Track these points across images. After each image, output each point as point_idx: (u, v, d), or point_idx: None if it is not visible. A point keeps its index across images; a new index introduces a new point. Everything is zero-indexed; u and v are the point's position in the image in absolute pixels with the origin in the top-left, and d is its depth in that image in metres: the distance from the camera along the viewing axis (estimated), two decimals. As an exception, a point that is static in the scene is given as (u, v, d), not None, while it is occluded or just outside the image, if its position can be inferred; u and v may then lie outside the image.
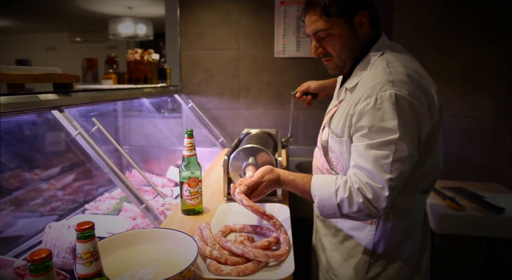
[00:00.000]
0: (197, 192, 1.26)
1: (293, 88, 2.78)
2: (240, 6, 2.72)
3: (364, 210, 0.93)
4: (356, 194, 0.93)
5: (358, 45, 1.05)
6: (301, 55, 2.73)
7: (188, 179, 1.25)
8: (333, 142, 1.08)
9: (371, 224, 1.08)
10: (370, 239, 1.08)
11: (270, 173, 1.05)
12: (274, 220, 1.02)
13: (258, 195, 1.05)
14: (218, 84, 2.85)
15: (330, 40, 1.03)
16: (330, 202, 0.96)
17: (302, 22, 1.12)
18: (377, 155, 0.91)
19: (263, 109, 2.86)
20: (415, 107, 0.91)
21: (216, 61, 2.82)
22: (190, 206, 1.27)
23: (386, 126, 0.90)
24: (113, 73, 2.29)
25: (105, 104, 1.96)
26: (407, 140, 0.90)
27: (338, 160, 1.08)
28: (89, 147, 1.25)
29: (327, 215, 0.99)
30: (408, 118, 0.91)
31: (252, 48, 2.78)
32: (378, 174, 0.91)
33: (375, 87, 0.93)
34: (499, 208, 1.71)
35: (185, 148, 1.25)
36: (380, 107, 0.91)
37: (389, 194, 0.90)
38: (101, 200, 1.97)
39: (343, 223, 1.15)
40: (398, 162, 0.90)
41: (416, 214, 1.11)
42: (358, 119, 0.95)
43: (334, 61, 1.08)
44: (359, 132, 0.95)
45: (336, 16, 1.00)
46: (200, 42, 2.80)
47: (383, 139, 0.90)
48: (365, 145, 0.93)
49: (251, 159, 1.34)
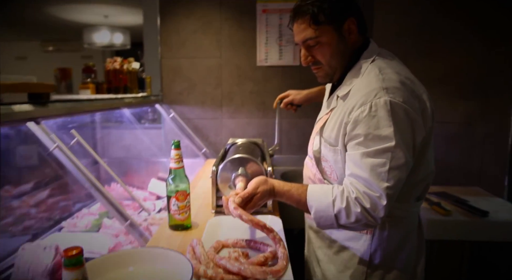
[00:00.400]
0: (185, 206, 1.20)
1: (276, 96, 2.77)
2: (222, 14, 2.70)
3: (362, 220, 0.91)
4: (354, 204, 0.91)
5: (347, 52, 1.04)
6: (283, 63, 2.72)
7: (175, 192, 1.19)
8: (327, 151, 1.06)
9: (367, 233, 1.05)
10: (366, 249, 1.05)
11: (264, 184, 1.01)
12: (274, 233, 0.98)
13: (253, 207, 1.01)
14: (200, 93, 2.80)
15: (320, 48, 1.02)
16: (327, 213, 0.93)
17: (290, 30, 1.10)
18: (374, 163, 0.89)
19: (247, 118, 2.83)
20: (409, 114, 0.91)
21: (198, 69, 2.77)
22: (178, 221, 1.20)
23: (382, 133, 0.89)
24: (91, 82, 2.21)
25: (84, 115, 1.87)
26: (403, 148, 0.90)
27: (332, 170, 1.06)
28: (68, 161, 1.17)
29: (324, 226, 0.96)
30: (403, 125, 0.90)
31: (234, 56, 2.75)
32: (375, 183, 0.89)
33: (369, 94, 0.92)
34: (484, 212, 1.74)
35: (172, 160, 1.19)
36: (375, 114, 0.90)
37: (386, 202, 0.89)
38: (79, 217, 1.86)
39: (338, 234, 1.12)
40: (395, 170, 0.89)
41: (411, 221, 1.09)
42: (353, 127, 0.93)
43: (324, 69, 1.07)
44: (354, 140, 0.94)
45: (325, 23, 0.99)
46: (182, 50, 2.74)
47: (379, 147, 0.89)
48: (361, 153, 0.91)
49: (240, 170, 1.29)
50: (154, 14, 2.67)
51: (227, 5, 2.68)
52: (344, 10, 1.00)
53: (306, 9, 0.99)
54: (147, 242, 1.18)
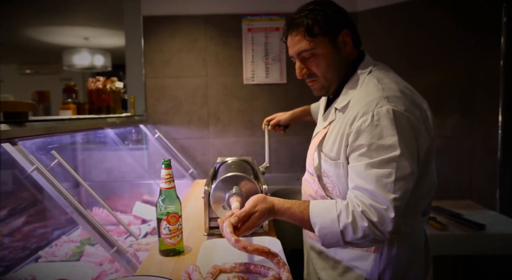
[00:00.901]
0: (177, 230, 1.12)
1: (264, 115, 2.74)
2: (207, 33, 2.69)
3: (370, 235, 0.86)
4: (360, 218, 0.86)
5: (343, 64, 1.03)
6: (270, 81, 2.71)
7: (166, 215, 1.10)
8: (328, 166, 1.01)
9: (375, 252, 1.00)
10: (374, 269, 0.99)
11: (263, 202, 0.94)
12: (279, 258, 0.91)
13: (251, 227, 0.93)
14: (186, 112, 2.74)
15: (315, 60, 1.00)
16: (333, 229, 0.88)
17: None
18: (379, 174, 0.86)
19: (234, 137, 2.77)
20: (412, 122, 0.89)
21: (184, 88, 2.72)
22: (169, 245, 1.11)
23: (386, 143, 0.86)
24: (72, 103, 2.12)
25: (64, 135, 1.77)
26: (409, 157, 0.87)
27: (334, 185, 1.01)
28: (47, 183, 1.08)
29: (329, 244, 0.90)
30: (407, 134, 0.88)
31: (220, 75, 2.72)
32: (381, 195, 0.85)
33: (370, 103, 0.90)
34: (480, 225, 1.71)
35: (163, 180, 1.11)
36: (378, 123, 0.87)
37: (394, 215, 0.85)
38: (58, 245, 1.73)
39: (342, 254, 1.05)
40: (401, 181, 0.85)
41: (418, 238, 1.05)
42: (355, 137, 0.90)
43: (319, 82, 1.05)
44: (357, 152, 0.90)
45: (319, 35, 0.98)
46: (167, 69, 2.70)
47: (383, 157, 0.86)
48: (365, 165, 0.88)
49: (235, 189, 1.22)
50: (138, 33, 2.63)
51: (212, 24, 2.68)
52: (339, 22, 1.00)
53: (300, 21, 0.98)
54: (135, 270, 1.08)
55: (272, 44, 2.67)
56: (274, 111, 2.75)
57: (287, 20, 1.04)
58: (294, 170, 2.78)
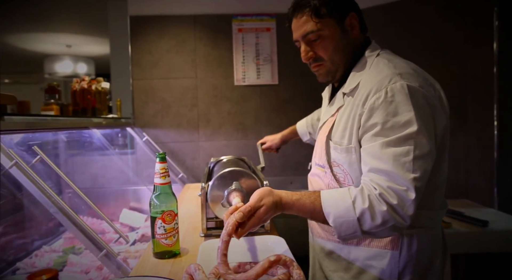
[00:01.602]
0: (173, 229, 1.02)
1: (255, 117, 2.68)
2: (196, 33, 2.62)
3: (389, 221, 0.78)
4: (378, 202, 0.79)
5: (350, 48, 0.98)
6: (262, 82, 2.66)
7: (161, 213, 1.01)
8: (338, 154, 0.95)
9: (393, 249, 0.91)
10: (394, 268, 0.91)
11: (269, 196, 0.85)
12: (283, 258, 0.82)
13: (256, 223, 0.84)
14: (175, 115, 2.64)
15: (321, 42, 0.95)
16: (349, 217, 0.80)
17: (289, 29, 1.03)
18: (396, 152, 0.79)
19: (225, 139, 2.69)
20: (428, 99, 0.84)
21: (173, 90, 2.63)
22: (165, 247, 1.02)
23: (402, 119, 0.80)
24: (55, 103, 1.99)
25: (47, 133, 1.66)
26: (426, 134, 0.81)
27: (346, 174, 0.94)
28: (29, 181, 0.97)
29: (346, 235, 0.82)
30: (423, 110, 0.82)
31: (210, 76, 2.65)
32: (400, 175, 0.78)
33: (382, 80, 0.84)
34: (483, 221, 1.68)
35: (157, 174, 1.02)
36: (392, 100, 0.82)
37: (415, 196, 0.78)
38: (38, 255, 1.60)
39: (357, 252, 0.97)
40: (420, 159, 0.79)
41: (438, 232, 0.98)
42: (368, 116, 0.84)
43: (325, 66, 0.99)
44: (371, 131, 0.84)
45: (327, 16, 0.93)
46: (155, 71, 2.61)
47: (400, 134, 0.80)
48: (381, 144, 0.81)
49: (235, 184, 1.14)
50: (125, 33, 2.54)
51: (201, 24, 2.61)
52: (346, 4, 0.97)
53: (306, 3, 0.93)
54: (126, 275, 0.98)
55: (263, 44, 2.62)
56: (266, 112, 2.70)
57: (292, 3, 0.99)
58: (286, 174, 2.71)
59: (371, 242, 0.94)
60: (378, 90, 0.83)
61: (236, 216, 0.81)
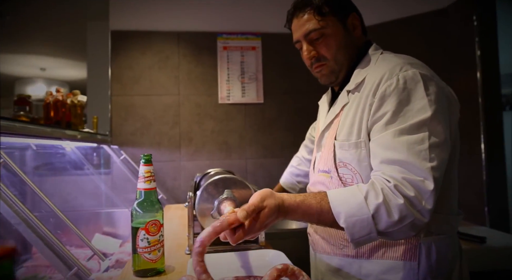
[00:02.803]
0: (158, 242, 0.89)
1: (240, 135, 2.60)
2: (180, 50, 2.56)
3: (407, 217, 0.70)
4: (393, 195, 0.71)
5: (353, 47, 0.95)
6: (247, 101, 2.60)
7: (145, 223, 0.88)
8: (345, 152, 0.87)
9: (411, 260, 0.82)
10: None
11: (271, 197, 0.74)
12: (291, 267, 0.71)
13: (258, 228, 0.71)
14: (156, 133, 2.52)
15: (324, 40, 0.91)
16: (362, 215, 0.71)
17: (289, 30, 1.00)
18: (410, 140, 0.74)
19: (208, 159, 2.57)
20: (441, 88, 0.80)
21: (154, 107, 2.52)
22: (148, 263, 0.88)
23: (415, 107, 0.76)
24: (25, 116, 1.84)
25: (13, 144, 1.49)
26: (441, 121, 0.76)
27: (355, 173, 0.86)
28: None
29: (359, 238, 0.72)
30: (437, 98, 0.78)
31: (194, 93, 2.57)
32: (416, 164, 0.72)
33: (393, 68, 0.81)
34: (481, 238, 1.62)
35: (141, 179, 0.90)
36: (404, 87, 0.77)
37: (434, 187, 0.71)
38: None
39: (369, 267, 0.87)
40: (436, 148, 0.74)
41: (456, 241, 0.90)
42: (379, 105, 0.79)
43: (329, 66, 0.94)
44: (382, 120, 0.78)
45: (329, 14, 0.91)
46: (135, 87, 2.51)
47: (413, 121, 0.75)
48: (393, 132, 0.76)
49: (226, 192, 1.03)
50: (105, 48, 2.45)
51: (185, 41, 2.57)
52: (347, 4, 0.96)
53: (308, 2, 0.92)
54: (101, 298, 0.83)
55: (249, 63, 2.60)
56: (251, 131, 2.63)
57: (292, 3, 0.97)
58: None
59: (385, 253, 0.85)
60: (389, 78, 0.79)
61: (239, 214, 0.68)
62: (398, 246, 0.84)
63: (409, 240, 0.83)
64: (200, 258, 0.69)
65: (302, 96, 2.62)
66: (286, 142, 2.62)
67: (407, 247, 0.83)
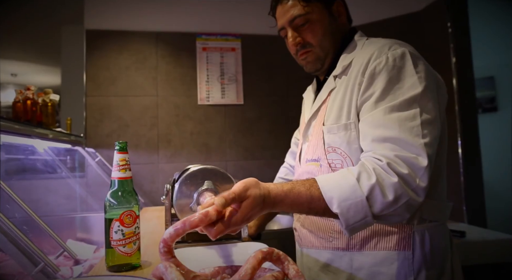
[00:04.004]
0: (133, 234, 0.84)
1: (220, 137, 2.56)
2: (158, 50, 2.52)
3: (403, 197, 0.67)
4: (386, 174, 0.68)
5: (338, 34, 0.94)
6: (226, 102, 2.57)
7: (120, 214, 0.82)
8: (333, 137, 0.85)
9: (405, 249, 0.80)
10: (408, 271, 0.79)
11: (255, 187, 0.67)
12: (276, 251, 0.67)
13: (240, 221, 0.64)
14: (133, 134, 2.44)
15: (310, 26, 0.90)
16: (356, 198, 0.67)
17: (272, 17, 0.98)
18: (401, 117, 0.72)
19: (187, 161, 2.51)
20: (430, 69, 0.80)
21: (131, 108, 2.45)
22: (122, 257, 0.82)
23: (405, 84, 0.75)
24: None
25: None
26: (431, 98, 0.75)
27: (345, 158, 0.83)
28: None
29: (354, 223, 0.68)
30: (427, 76, 0.77)
31: (172, 94, 2.52)
32: (408, 140, 0.70)
33: (382, 48, 0.80)
34: (461, 232, 1.64)
35: (116, 167, 0.85)
36: (394, 64, 0.77)
37: (428, 164, 0.69)
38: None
39: (361, 259, 0.84)
40: (428, 125, 0.72)
41: (447, 230, 0.89)
42: (369, 83, 0.78)
43: (314, 52, 0.93)
44: (372, 99, 0.77)
45: (314, 1, 0.90)
46: (111, 88, 2.43)
47: (403, 98, 0.74)
48: (384, 110, 0.74)
49: (207, 184, 0.99)
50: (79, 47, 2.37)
51: (164, 41, 2.52)
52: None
53: None
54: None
55: (228, 64, 2.57)
56: (231, 133, 2.59)
57: None
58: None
59: (378, 243, 0.82)
60: (378, 56, 0.78)
61: (216, 201, 0.62)
62: (391, 236, 0.81)
63: (403, 228, 0.80)
64: (169, 255, 0.65)
65: (283, 97, 2.62)
66: (267, 144, 2.60)
67: (401, 236, 0.80)
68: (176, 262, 0.65)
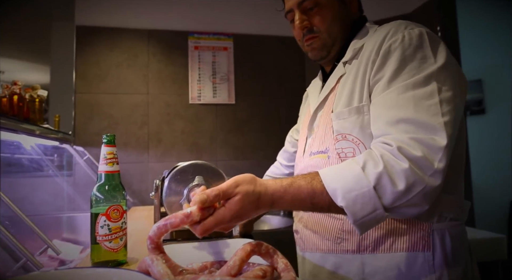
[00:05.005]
0: (120, 229, 0.82)
1: (211, 136, 2.54)
2: (150, 48, 2.49)
3: (417, 184, 0.59)
4: (396, 160, 0.61)
5: (348, 22, 0.88)
6: (218, 101, 2.56)
7: (106, 209, 0.80)
8: (343, 122, 0.78)
9: (424, 249, 0.72)
10: (428, 273, 0.72)
11: (249, 183, 0.61)
12: (265, 245, 0.65)
13: (230, 218, 0.59)
14: (123, 133, 2.41)
15: (319, 11, 0.84)
16: (362, 188, 0.60)
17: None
18: (417, 95, 0.65)
19: (177, 160, 2.45)
20: (448, 52, 0.73)
21: (121, 106, 2.42)
22: (108, 253, 0.80)
23: (421, 62, 0.68)
24: (-24, 110, 1.69)
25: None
26: (450, 75, 0.68)
27: (358, 144, 0.75)
28: None
29: (363, 218, 0.61)
30: (445, 58, 0.70)
31: (163, 93, 2.50)
32: (425, 120, 0.63)
33: (398, 27, 0.74)
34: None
35: (104, 161, 0.84)
36: (410, 43, 0.70)
37: (448, 143, 0.61)
38: None
39: (374, 263, 0.75)
40: (447, 104, 0.64)
41: (465, 229, 0.81)
42: (383, 62, 0.72)
43: (321, 39, 0.86)
44: (384, 78, 0.71)
45: None
46: (101, 85, 2.40)
47: (419, 75, 0.67)
48: (397, 89, 0.67)
49: (197, 179, 0.98)
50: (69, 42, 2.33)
51: (156, 39, 2.50)
52: None
53: None
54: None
55: (220, 63, 2.56)
56: (222, 132, 2.58)
57: None
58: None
59: (393, 244, 0.73)
60: (394, 34, 0.73)
61: (196, 197, 0.57)
62: (408, 235, 0.73)
63: (421, 226, 0.72)
64: (157, 251, 0.64)
65: (274, 97, 2.62)
66: (258, 144, 2.59)
67: (420, 235, 0.72)
68: (165, 258, 0.63)
